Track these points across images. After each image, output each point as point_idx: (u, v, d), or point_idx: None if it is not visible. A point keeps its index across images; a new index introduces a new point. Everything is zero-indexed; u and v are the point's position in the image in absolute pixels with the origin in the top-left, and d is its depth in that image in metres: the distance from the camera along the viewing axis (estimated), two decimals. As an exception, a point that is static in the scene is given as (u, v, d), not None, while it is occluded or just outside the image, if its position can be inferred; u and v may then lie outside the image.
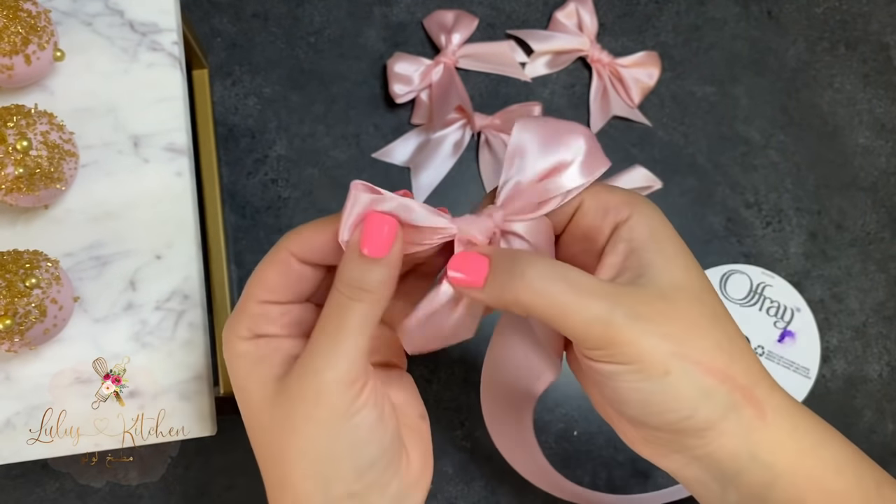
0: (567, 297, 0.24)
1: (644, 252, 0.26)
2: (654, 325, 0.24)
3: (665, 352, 0.24)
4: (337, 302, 0.26)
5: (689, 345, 0.25)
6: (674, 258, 0.26)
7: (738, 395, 0.25)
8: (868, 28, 0.59)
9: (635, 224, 0.26)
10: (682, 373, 0.24)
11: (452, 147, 0.55)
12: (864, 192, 0.56)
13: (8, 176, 0.35)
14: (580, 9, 0.57)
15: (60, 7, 0.41)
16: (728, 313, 0.27)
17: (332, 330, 0.26)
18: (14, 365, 0.38)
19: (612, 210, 0.27)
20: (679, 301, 0.25)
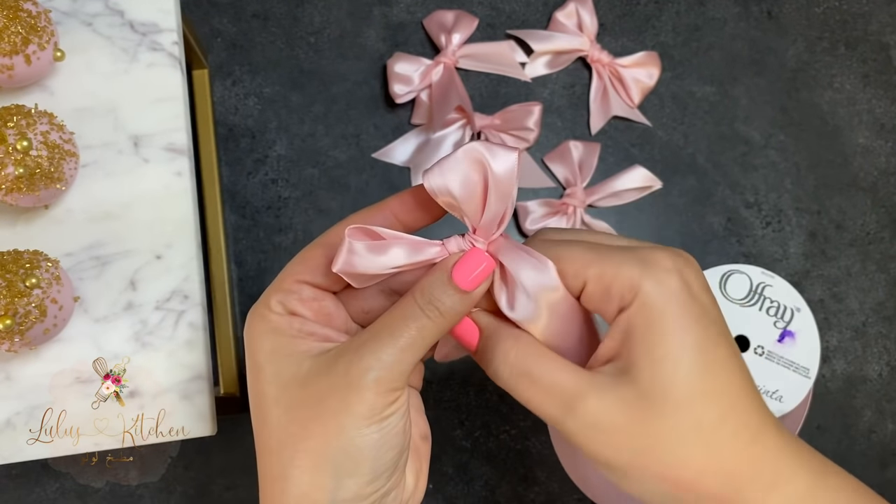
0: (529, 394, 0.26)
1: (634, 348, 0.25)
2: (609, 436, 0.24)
3: (621, 462, 0.25)
4: (411, 310, 0.26)
5: (651, 457, 0.24)
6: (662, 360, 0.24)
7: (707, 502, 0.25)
8: (868, 28, 0.59)
9: (634, 314, 0.25)
10: (639, 481, 0.25)
11: (452, 147, 0.55)
12: (864, 192, 0.56)
13: (8, 176, 0.35)
14: (580, 9, 0.57)
15: (60, 7, 0.41)
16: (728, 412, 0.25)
17: (397, 333, 0.26)
18: (14, 365, 0.38)
19: (616, 295, 0.25)
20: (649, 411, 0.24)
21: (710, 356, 0.25)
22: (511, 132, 0.55)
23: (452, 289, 0.26)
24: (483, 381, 0.52)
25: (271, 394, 0.27)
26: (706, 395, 0.24)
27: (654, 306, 0.24)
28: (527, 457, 0.51)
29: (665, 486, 0.24)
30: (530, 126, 0.55)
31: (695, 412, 0.24)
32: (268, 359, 0.27)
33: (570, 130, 0.56)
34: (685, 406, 0.24)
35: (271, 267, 0.53)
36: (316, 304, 0.28)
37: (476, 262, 0.26)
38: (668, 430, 0.24)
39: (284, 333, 0.27)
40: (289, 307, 0.27)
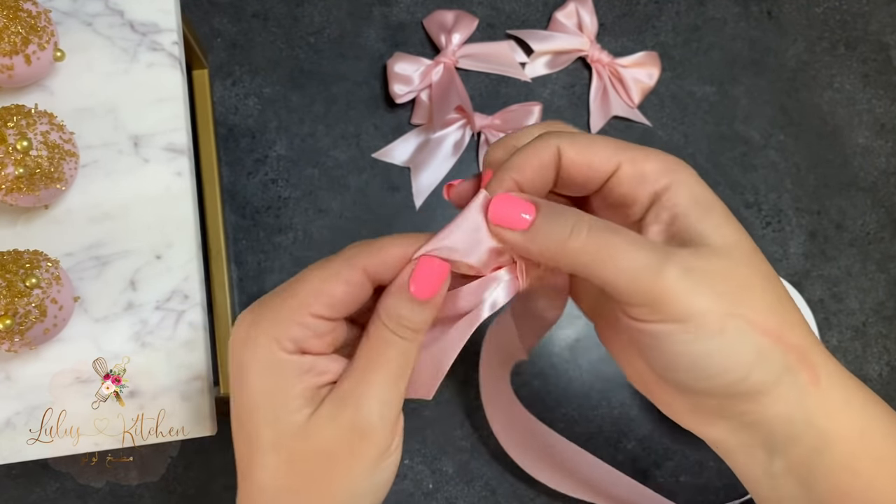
0: (617, 244, 0.24)
1: (689, 217, 0.25)
2: (707, 282, 0.23)
3: (719, 310, 0.23)
4: (387, 337, 0.25)
5: (743, 304, 0.23)
6: (723, 221, 0.25)
7: (793, 357, 0.24)
8: (868, 28, 0.59)
9: (676, 192, 0.25)
10: (737, 332, 0.23)
11: (452, 147, 0.55)
12: (864, 192, 0.56)
13: (8, 176, 0.35)
14: (580, 9, 0.57)
15: (60, 7, 0.41)
16: (778, 277, 0.26)
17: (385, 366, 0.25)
18: (14, 365, 0.38)
19: (651, 179, 0.26)
20: (733, 260, 0.24)
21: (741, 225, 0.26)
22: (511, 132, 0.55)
23: (416, 303, 0.25)
24: (483, 381, 0.52)
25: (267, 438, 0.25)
26: (760, 253, 0.25)
27: (694, 183, 0.26)
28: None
29: (763, 337, 0.23)
30: (530, 126, 0.55)
31: (760, 265, 0.25)
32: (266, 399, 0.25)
33: (570, 130, 0.56)
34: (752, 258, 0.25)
35: (271, 267, 0.53)
36: (330, 336, 0.27)
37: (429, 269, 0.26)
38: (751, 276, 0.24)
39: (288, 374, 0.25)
40: (302, 345, 0.26)
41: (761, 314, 0.24)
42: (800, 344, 0.24)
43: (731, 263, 0.24)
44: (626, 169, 0.26)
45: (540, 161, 0.26)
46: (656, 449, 0.51)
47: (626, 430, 0.52)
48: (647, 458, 0.51)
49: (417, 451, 0.51)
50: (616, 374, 0.52)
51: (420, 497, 0.50)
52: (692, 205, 0.25)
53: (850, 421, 0.24)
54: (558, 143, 0.26)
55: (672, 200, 0.25)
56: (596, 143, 0.26)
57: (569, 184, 0.27)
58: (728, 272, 0.24)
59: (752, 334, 0.23)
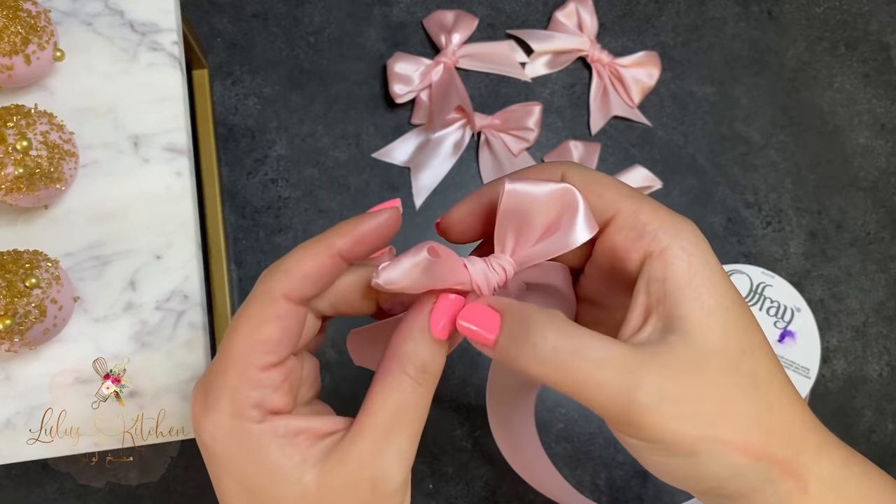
0: (583, 374, 0.22)
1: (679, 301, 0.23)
2: (679, 407, 0.22)
3: (691, 435, 0.22)
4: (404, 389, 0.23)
5: (719, 425, 0.22)
6: (712, 313, 0.23)
7: (776, 470, 0.23)
8: (868, 28, 0.59)
9: (673, 260, 0.23)
10: (710, 454, 0.22)
11: (452, 147, 0.55)
12: (864, 192, 0.56)
13: (8, 176, 0.35)
14: (580, 9, 0.57)
15: (60, 7, 0.41)
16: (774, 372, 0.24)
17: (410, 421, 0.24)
18: (14, 365, 0.38)
19: (648, 235, 0.23)
20: (711, 371, 0.22)
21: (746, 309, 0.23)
22: (511, 132, 0.55)
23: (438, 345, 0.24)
24: (483, 382, 0.52)
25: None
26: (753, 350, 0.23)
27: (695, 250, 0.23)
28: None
29: (736, 456, 0.22)
30: (530, 126, 0.55)
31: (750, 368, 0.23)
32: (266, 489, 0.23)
33: (571, 130, 0.56)
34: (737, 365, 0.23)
35: (271, 267, 0.53)
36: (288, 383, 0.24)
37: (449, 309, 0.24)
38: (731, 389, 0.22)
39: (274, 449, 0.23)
40: (267, 407, 0.23)
41: (740, 432, 0.22)
42: (785, 456, 0.23)
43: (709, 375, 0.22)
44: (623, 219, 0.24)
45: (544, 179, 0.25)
46: (656, 449, 0.51)
47: (627, 430, 0.52)
48: (647, 458, 0.51)
49: (417, 451, 0.51)
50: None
51: (420, 497, 0.50)
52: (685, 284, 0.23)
53: None
54: (563, 169, 0.25)
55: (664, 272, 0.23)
56: (602, 179, 0.24)
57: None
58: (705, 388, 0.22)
59: (726, 455, 0.22)
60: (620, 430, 0.23)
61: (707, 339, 0.22)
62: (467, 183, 0.55)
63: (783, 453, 0.23)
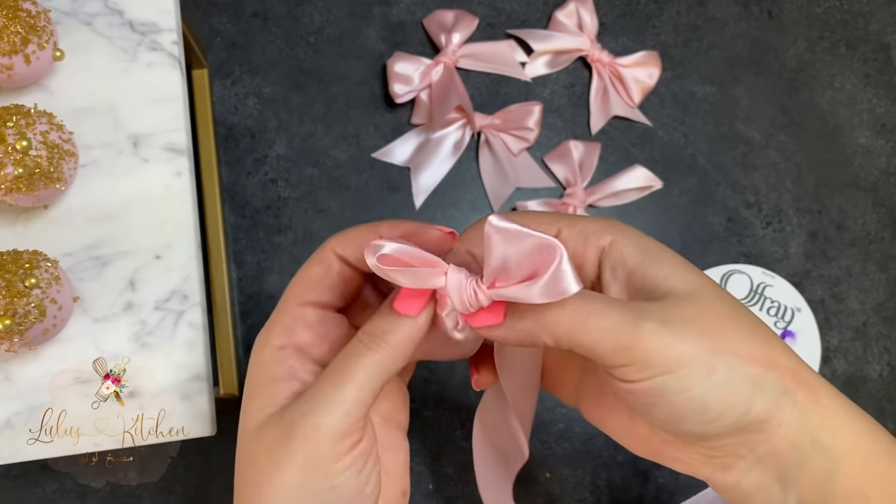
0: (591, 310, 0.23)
1: (645, 269, 0.25)
2: (686, 327, 0.23)
3: (705, 351, 0.23)
4: (353, 347, 0.25)
5: (725, 339, 0.24)
6: (678, 266, 0.25)
7: (788, 378, 0.24)
8: (868, 28, 0.59)
9: (623, 245, 0.26)
10: (728, 368, 0.23)
11: (452, 147, 0.55)
12: (865, 192, 0.56)
13: (8, 176, 0.34)
14: (580, 8, 0.57)
15: (60, 7, 0.41)
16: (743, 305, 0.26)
17: (338, 374, 0.25)
18: (14, 365, 0.38)
19: (593, 235, 0.26)
20: (702, 301, 0.24)
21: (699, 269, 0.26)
22: (511, 132, 0.55)
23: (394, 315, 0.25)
24: (483, 382, 0.52)
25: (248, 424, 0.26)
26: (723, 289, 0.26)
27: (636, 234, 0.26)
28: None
29: (751, 366, 0.23)
30: (530, 126, 0.55)
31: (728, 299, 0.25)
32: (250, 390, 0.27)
33: (571, 130, 0.56)
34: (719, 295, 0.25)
35: (271, 267, 0.53)
36: (322, 329, 0.28)
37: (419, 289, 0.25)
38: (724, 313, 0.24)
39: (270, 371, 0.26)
40: (293, 337, 0.27)
41: (745, 346, 0.24)
42: (791, 366, 0.24)
43: (701, 305, 0.24)
44: (567, 232, 0.26)
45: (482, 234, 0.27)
46: (656, 449, 0.51)
47: (627, 430, 0.52)
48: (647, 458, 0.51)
49: (417, 451, 0.51)
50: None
51: (420, 497, 0.50)
52: (643, 256, 0.25)
53: (854, 440, 0.24)
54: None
55: (622, 255, 0.26)
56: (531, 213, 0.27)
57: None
58: (701, 313, 0.24)
59: (743, 367, 0.23)
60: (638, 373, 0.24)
61: (686, 281, 0.25)
62: (467, 183, 0.55)
63: (788, 363, 0.24)
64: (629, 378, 0.24)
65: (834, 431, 0.24)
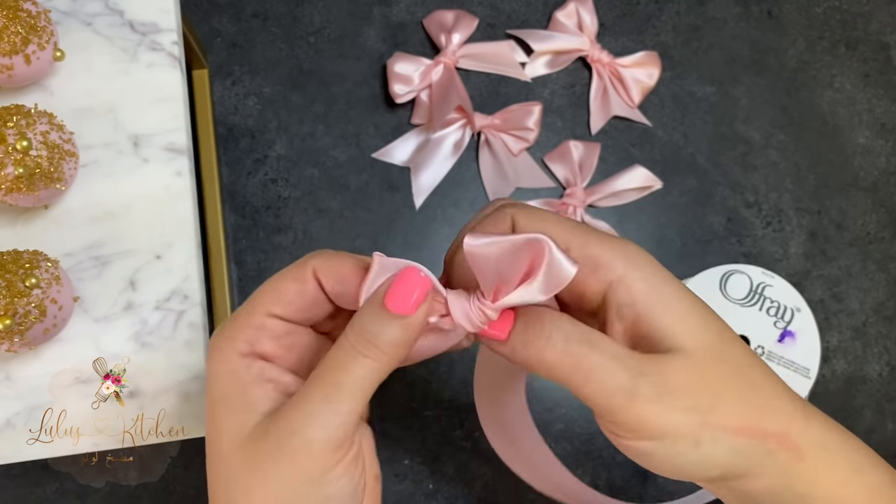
0: (592, 363, 0.23)
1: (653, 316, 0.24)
2: (679, 399, 0.23)
3: (695, 424, 0.24)
4: (343, 353, 0.23)
5: (716, 412, 0.24)
6: (686, 316, 0.25)
7: (773, 443, 0.24)
8: (868, 28, 0.59)
9: (632, 283, 0.24)
10: (713, 441, 0.24)
11: (452, 147, 0.55)
12: (865, 192, 0.56)
13: (8, 176, 0.34)
14: (580, 9, 0.57)
15: (60, 7, 0.41)
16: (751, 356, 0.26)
17: (329, 384, 0.23)
18: (14, 365, 0.38)
19: (603, 267, 0.25)
20: (702, 364, 0.24)
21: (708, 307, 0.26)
22: (511, 132, 0.55)
23: (388, 317, 0.23)
24: (483, 381, 0.52)
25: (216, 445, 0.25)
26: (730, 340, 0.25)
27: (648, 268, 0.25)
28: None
29: (736, 438, 0.24)
30: (530, 126, 0.55)
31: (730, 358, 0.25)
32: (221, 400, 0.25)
33: (571, 130, 0.56)
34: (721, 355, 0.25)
35: (271, 267, 0.53)
36: (288, 341, 0.26)
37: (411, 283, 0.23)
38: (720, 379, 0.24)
39: (241, 378, 0.25)
40: (256, 347, 0.25)
41: (734, 416, 0.24)
42: (778, 429, 0.24)
43: (702, 369, 0.24)
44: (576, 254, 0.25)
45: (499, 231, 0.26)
46: (656, 449, 0.51)
47: (627, 430, 0.52)
48: (647, 458, 0.51)
49: (417, 451, 0.51)
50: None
51: (420, 497, 0.50)
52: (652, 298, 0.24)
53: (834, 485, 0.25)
54: (513, 213, 0.26)
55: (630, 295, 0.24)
56: (549, 218, 0.25)
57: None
58: (697, 380, 0.24)
59: (727, 439, 0.24)
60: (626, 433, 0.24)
61: (690, 340, 0.24)
62: (467, 183, 0.55)
63: (776, 427, 0.24)
64: (618, 433, 0.24)
65: (811, 481, 0.25)
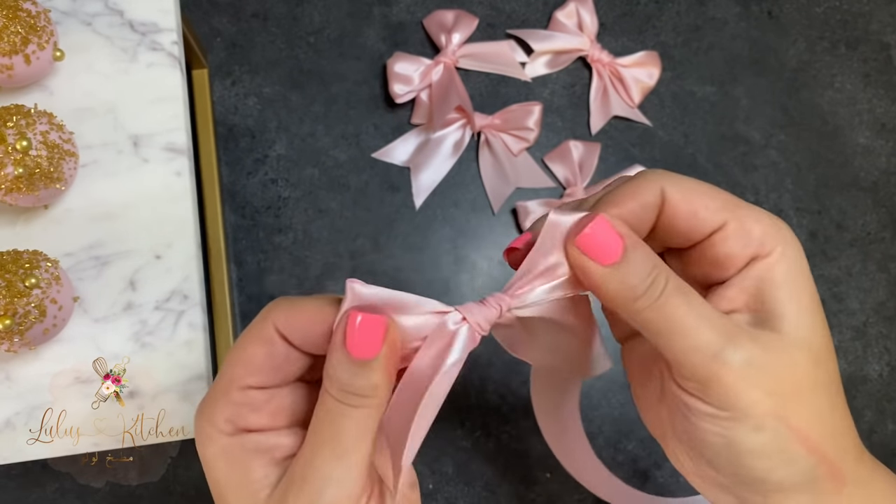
0: (686, 317, 0.22)
1: (777, 296, 0.24)
2: (762, 379, 0.22)
3: (765, 409, 0.22)
4: (332, 411, 0.23)
5: (790, 409, 0.23)
6: (806, 311, 0.24)
7: (824, 469, 0.23)
8: (868, 28, 0.59)
9: (777, 263, 0.24)
10: (774, 434, 0.23)
11: (452, 147, 0.55)
12: (865, 192, 0.56)
13: (8, 176, 0.34)
14: (580, 8, 0.57)
15: (60, 7, 0.41)
16: (838, 379, 0.25)
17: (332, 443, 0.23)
18: (14, 365, 0.38)
19: (756, 241, 0.24)
20: (797, 360, 0.23)
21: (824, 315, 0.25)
22: (511, 132, 0.55)
23: (356, 364, 0.22)
24: (483, 382, 0.52)
25: None
26: (831, 351, 0.24)
27: (797, 257, 0.24)
28: (527, 457, 0.51)
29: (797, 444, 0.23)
30: (530, 126, 0.55)
31: (824, 368, 0.24)
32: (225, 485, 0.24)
33: (571, 130, 0.56)
34: (818, 361, 0.24)
35: (271, 267, 0.53)
36: (272, 405, 0.25)
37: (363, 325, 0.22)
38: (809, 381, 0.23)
39: (236, 458, 0.24)
40: (237, 422, 0.24)
41: (805, 422, 0.23)
42: (835, 459, 0.23)
43: (793, 362, 0.23)
44: (734, 226, 0.24)
45: (642, 200, 0.24)
46: (657, 449, 0.51)
47: (627, 430, 0.52)
48: (647, 458, 0.51)
49: (418, 451, 0.51)
50: (617, 375, 0.52)
51: (420, 497, 0.50)
52: (785, 283, 0.24)
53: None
54: (663, 184, 0.24)
55: (768, 272, 0.24)
56: (704, 190, 0.24)
57: (668, 233, 0.25)
58: (786, 371, 0.23)
59: (789, 441, 0.23)
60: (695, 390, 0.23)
61: (799, 331, 0.23)
62: (467, 183, 0.55)
63: (834, 455, 0.23)
64: (686, 388, 0.23)
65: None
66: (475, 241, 0.54)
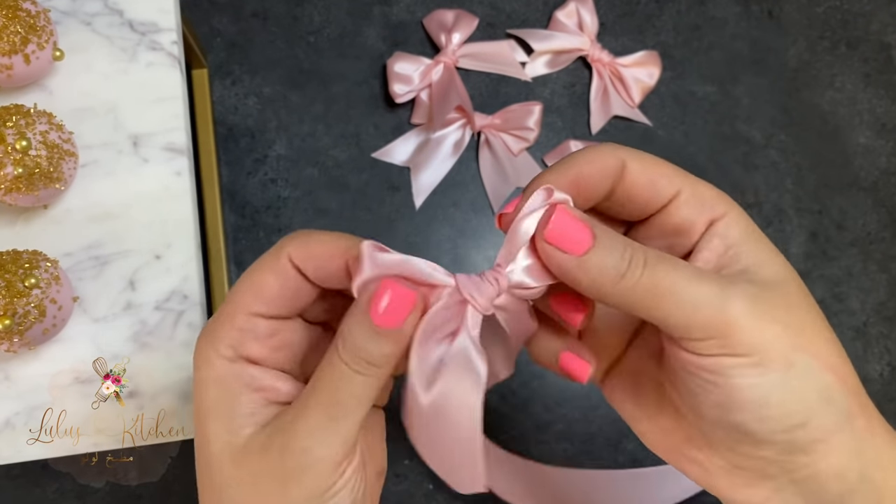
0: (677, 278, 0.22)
1: (744, 247, 0.24)
2: (773, 313, 0.22)
3: (787, 343, 0.22)
4: (338, 372, 0.22)
5: (808, 337, 0.22)
6: (775, 256, 0.24)
7: (853, 401, 0.23)
8: (869, 28, 0.59)
9: (732, 221, 0.24)
10: (805, 368, 0.22)
11: (452, 147, 0.55)
12: (865, 192, 0.56)
13: (7, 176, 0.34)
14: (580, 8, 0.57)
15: (60, 7, 0.41)
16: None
17: (328, 403, 0.22)
18: (14, 365, 0.38)
19: (708, 204, 0.25)
20: (790, 291, 0.23)
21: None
22: (511, 132, 0.55)
23: (377, 333, 0.22)
24: (483, 382, 0.52)
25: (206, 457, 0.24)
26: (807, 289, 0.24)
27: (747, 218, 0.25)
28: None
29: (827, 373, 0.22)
30: (530, 126, 0.55)
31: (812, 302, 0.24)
32: (210, 410, 0.24)
33: (571, 130, 0.56)
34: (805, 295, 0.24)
35: (271, 267, 0.53)
36: (275, 340, 0.25)
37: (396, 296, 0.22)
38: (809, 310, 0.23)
39: (229, 387, 0.24)
40: (241, 351, 0.24)
41: (825, 350, 0.22)
42: (856, 386, 0.23)
43: (789, 296, 0.23)
44: (688, 192, 0.25)
45: (603, 166, 0.24)
46: (657, 449, 0.51)
47: (626, 430, 0.52)
48: (647, 458, 0.51)
49: (417, 452, 0.51)
50: (616, 375, 0.52)
51: (420, 498, 0.50)
52: (745, 236, 0.24)
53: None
54: (623, 155, 0.25)
55: (728, 230, 0.24)
56: (659, 161, 0.25)
57: (625, 202, 0.25)
58: (789, 304, 0.23)
59: (819, 371, 0.22)
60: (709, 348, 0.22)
61: (777, 270, 0.24)
62: (467, 183, 0.55)
63: (854, 382, 0.23)
64: (701, 352, 0.22)
65: (884, 467, 0.23)
66: (475, 241, 0.54)
